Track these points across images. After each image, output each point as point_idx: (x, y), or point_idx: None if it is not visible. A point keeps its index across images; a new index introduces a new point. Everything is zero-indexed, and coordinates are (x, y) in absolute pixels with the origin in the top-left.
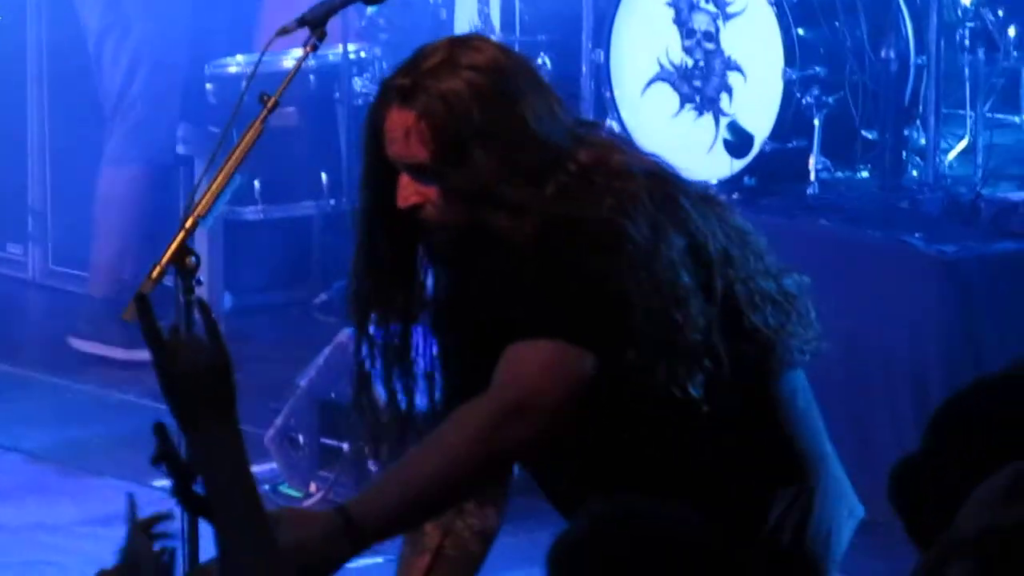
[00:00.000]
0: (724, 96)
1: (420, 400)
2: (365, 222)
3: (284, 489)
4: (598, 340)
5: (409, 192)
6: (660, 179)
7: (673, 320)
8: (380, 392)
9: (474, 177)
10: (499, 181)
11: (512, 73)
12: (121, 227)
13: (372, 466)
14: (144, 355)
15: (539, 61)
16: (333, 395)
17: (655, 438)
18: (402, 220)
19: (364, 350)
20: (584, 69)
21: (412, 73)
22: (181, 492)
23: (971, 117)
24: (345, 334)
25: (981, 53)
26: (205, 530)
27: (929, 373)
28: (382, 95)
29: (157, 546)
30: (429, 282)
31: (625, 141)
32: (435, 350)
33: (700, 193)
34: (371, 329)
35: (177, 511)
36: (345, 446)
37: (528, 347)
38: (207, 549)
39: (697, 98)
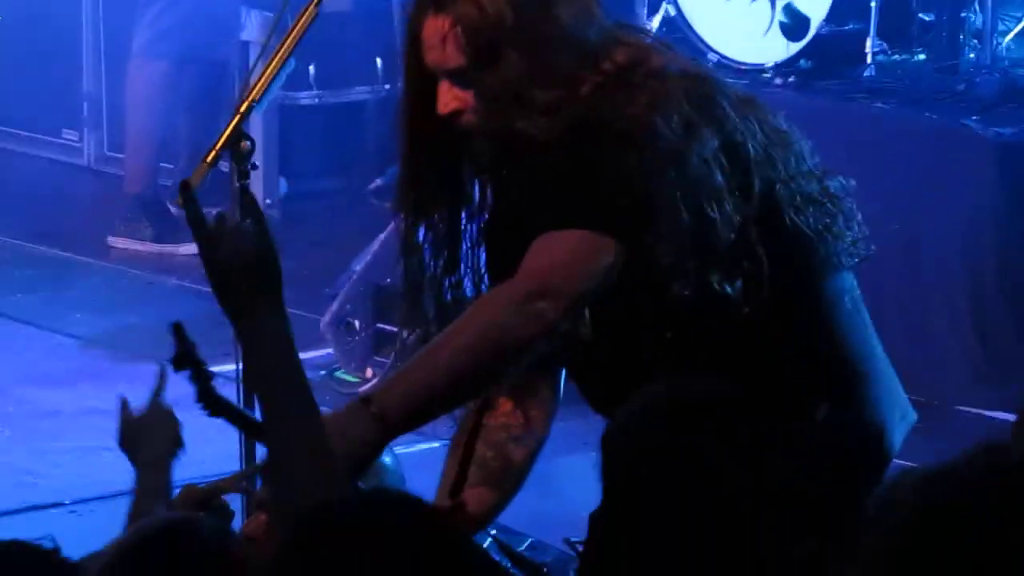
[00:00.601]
0: None
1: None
2: (407, 132)
3: (340, 374)
4: (624, 231)
5: (448, 98)
6: (698, 79)
7: (705, 217)
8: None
9: (508, 79)
10: (533, 83)
11: None
12: (152, 126)
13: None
14: (177, 249)
15: None
16: (389, 280)
17: (691, 337)
18: (443, 128)
19: (412, 258)
20: None
21: None
22: (203, 394)
23: None
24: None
25: None
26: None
27: (985, 258)
28: (417, 4)
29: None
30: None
31: (666, 44)
32: (482, 258)
33: (740, 95)
34: (419, 235)
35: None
36: (402, 331)
37: (554, 236)
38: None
39: None
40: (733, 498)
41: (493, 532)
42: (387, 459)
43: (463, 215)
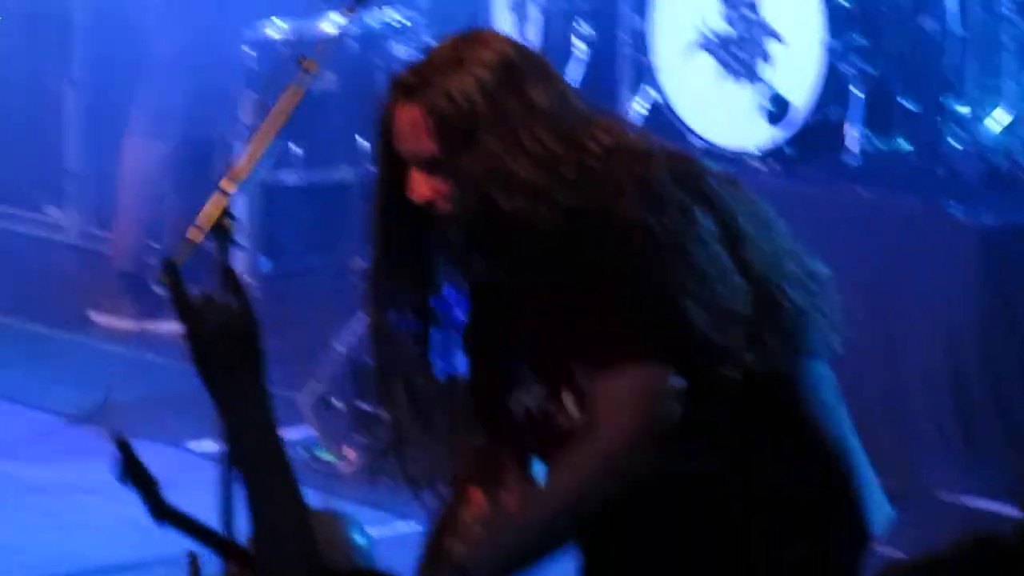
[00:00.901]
0: (763, 64)
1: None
2: (378, 220)
3: (319, 453)
4: (671, 348)
5: (422, 187)
6: (681, 158)
7: (724, 299)
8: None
9: (485, 161)
10: (512, 163)
11: (519, 64)
12: (144, 204)
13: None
14: (159, 327)
15: (578, 27)
16: (370, 360)
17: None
18: (414, 216)
19: (382, 345)
20: (623, 36)
21: (417, 70)
22: (153, 507)
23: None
24: None
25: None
26: None
27: (966, 343)
28: (390, 92)
29: None
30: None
31: (641, 128)
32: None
33: (723, 175)
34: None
35: None
36: (382, 412)
37: (615, 381)
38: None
39: (737, 66)
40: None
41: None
42: (360, 539)
43: (431, 301)
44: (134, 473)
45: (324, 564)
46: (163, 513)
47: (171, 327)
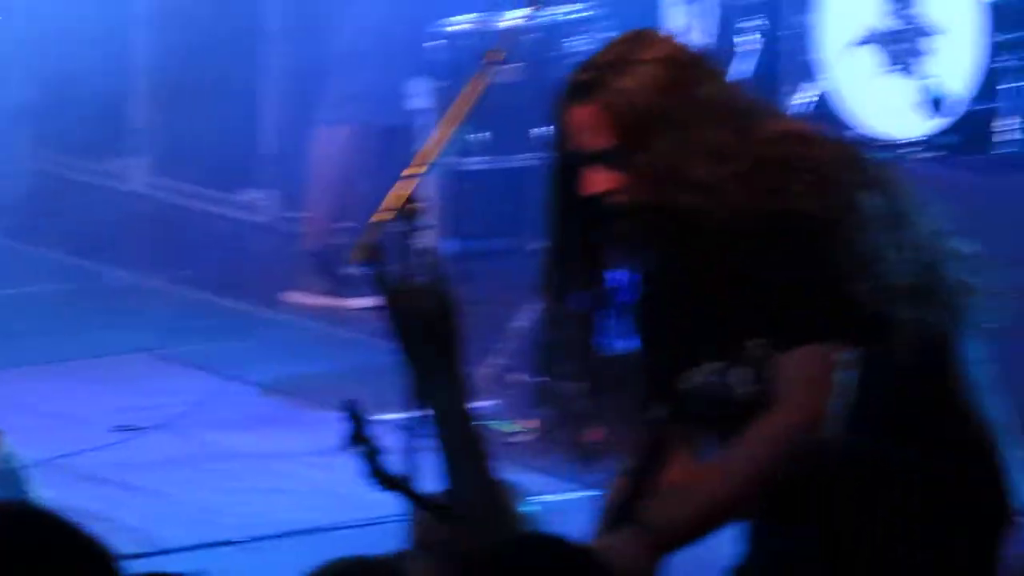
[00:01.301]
0: (926, 58)
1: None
2: (553, 215)
3: (501, 425)
4: (842, 330)
5: (596, 179)
6: (845, 146)
7: (886, 280)
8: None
9: (658, 157)
10: (688, 159)
11: (686, 63)
12: (333, 187)
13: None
14: (348, 303)
15: (750, 22)
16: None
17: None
18: (587, 211)
19: (556, 332)
20: (789, 32)
21: (591, 70)
22: (374, 472)
23: None
24: None
25: None
26: None
27: None
28: (565, 92)
29: None
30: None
31: (806, 118)
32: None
33: (880, 160)
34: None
35: None
36: (558, 387)
37: (804, 360)
38: None
39: (901, 59)
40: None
41: None
42: (527, 507)
43: (601, 286)
44: (361, 440)
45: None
46: (386, 480)
47: (358, 303)
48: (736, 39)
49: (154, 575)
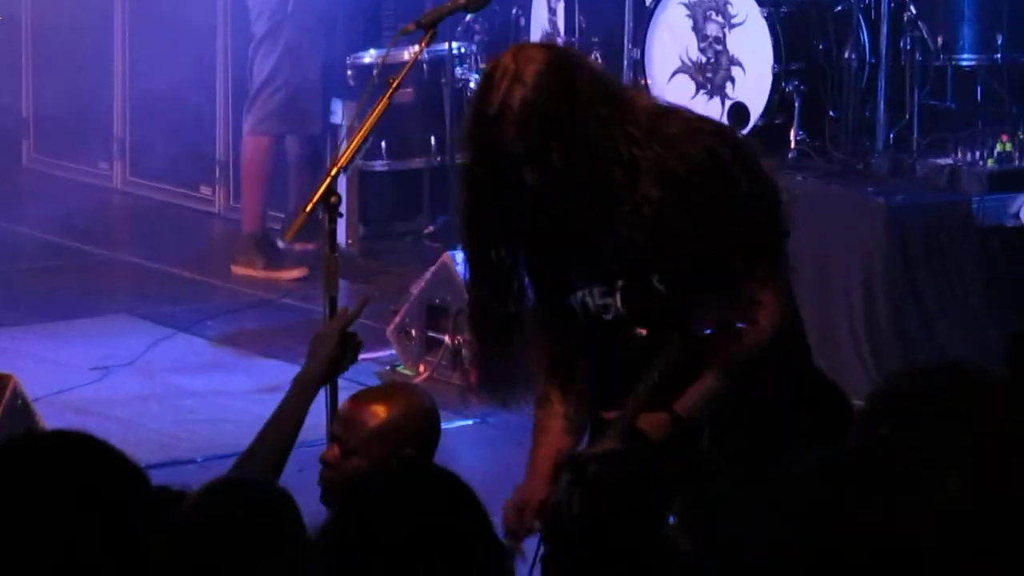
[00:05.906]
0: (728, 84)
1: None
2: (468, 182)
3: (400, 369)
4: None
5: (526, 173)
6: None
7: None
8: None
9: (583, 142)
10: (606, 139)
11: (564, 62)
12: (262, 183)
13: (465, 354)
14: (281, 275)
15: (592, 56)
16: (437, 300)
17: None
18: (501, 186)
19: (477, 284)
20: (625, 63)
21: (491, 92)
22: None
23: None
24: (447, 255)
25: (918, 55)
26: None
27: (876, 286)
28: (479, 115)
29: None
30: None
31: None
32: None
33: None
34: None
35: None
36: (445, 339)
37: (767, 286)
38: None
39: (708, 86)
40: None
41: None
42: None
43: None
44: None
45: None
46: None
47: (289, 275)
48: None
49: (164, 488)
